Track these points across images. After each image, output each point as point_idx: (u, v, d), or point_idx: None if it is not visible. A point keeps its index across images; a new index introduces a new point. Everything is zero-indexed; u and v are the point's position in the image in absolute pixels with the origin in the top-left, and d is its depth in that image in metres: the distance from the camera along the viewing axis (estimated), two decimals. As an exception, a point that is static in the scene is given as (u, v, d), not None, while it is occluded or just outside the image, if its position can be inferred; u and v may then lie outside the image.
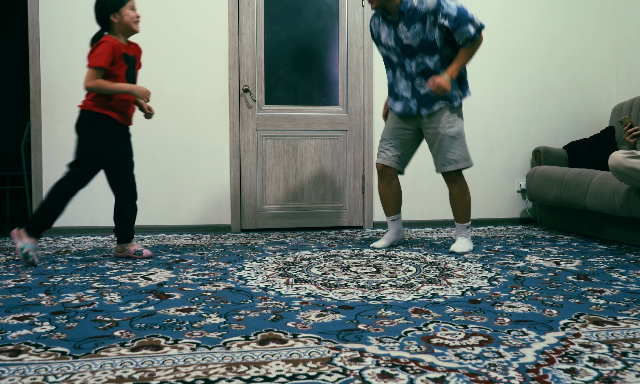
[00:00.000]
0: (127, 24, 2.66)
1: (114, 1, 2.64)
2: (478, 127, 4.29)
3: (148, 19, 3.85)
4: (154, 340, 1.55)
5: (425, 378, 1.28)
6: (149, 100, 2.72)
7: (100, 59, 2.56)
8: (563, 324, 1.69)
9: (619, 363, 1.38)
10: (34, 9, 3.72)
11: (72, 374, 1.32)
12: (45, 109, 3.75)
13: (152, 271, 2.51)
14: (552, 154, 4.14)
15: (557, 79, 4.41)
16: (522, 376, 1.29)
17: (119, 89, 2.63)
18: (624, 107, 4.04)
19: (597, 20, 4.46)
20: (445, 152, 2.99)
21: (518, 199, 4.39)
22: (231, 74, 3.93)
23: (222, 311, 1.84)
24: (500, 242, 3.37)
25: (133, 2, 2.70)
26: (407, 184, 4.17)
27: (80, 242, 3.38)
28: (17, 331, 1.64)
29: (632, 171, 2.78)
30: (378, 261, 2.74)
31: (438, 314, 1.80)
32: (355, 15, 4.11)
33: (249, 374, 1.31)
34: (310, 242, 3.39)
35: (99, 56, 2.56)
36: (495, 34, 4.29)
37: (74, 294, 2.08)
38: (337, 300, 1.98)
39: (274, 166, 4.04)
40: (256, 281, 2.31)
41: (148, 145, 3.87)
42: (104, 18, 2.66)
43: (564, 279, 2.34)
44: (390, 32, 2.98)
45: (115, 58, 2.62)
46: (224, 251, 3.06)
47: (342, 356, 1.41)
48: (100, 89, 2.59)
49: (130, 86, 2.66)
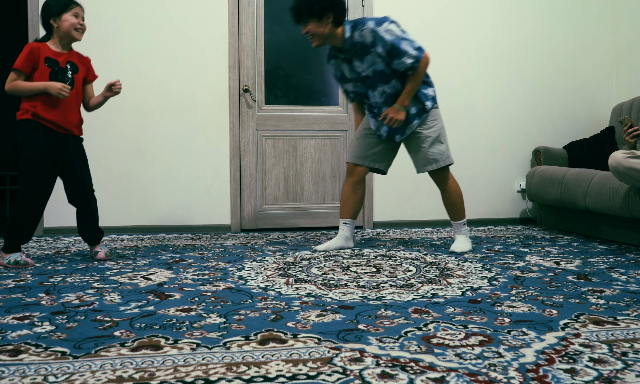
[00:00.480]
0: (67, 31, 2.59)
1: (58, 6, 2.59)
2: (478, 127, 4.29)
3: (148, 19, 3.85)
4: (154, 340, 1.55)
5: (425, 378, 1.28)
6: (66, 94, 2.54)
7: (17, 61, 2.53)
8: (563, 324, 1.69)
9: (619, 363, 1.38)
10: (34, 9, 3.72)
11: (72, 374, 1.31)
12: (45, 109, 3.74)
13: (152, 271, 2.51)
14: (552, 154, 4.14)
15: (557, 79, 4.41)
16: (522, 376, 1.29)
17: (33, 88, 2.54)
18: (624, 107, 4.04)
19: (597, 20, 4.46)
20: (426, 152, 2.95)
21: (518, 199, 4.39)
22: (231, 74, 3.93)
23: (222, 311, 1.84)
24: (500, 242, 3.37)
25: (78, 10, 2.62)
26: (407, 184, 4.17)
27: (80, 242, 3.38)
28: (17, 331, 1.64)
29: (632, 171, 2.78)
30: (378, 261, 2.74)
31: (438, 314, 1.80)
32: (355, 15, 4.11)
33: (249, 374, 1.30)
34: (310, 242, 3.39)
35: (17, 59, 2.54)
36: (495, 34, 4.29)
37: (74, 294, 2.08)
38: (337, 300, 1.98)
39: (274, 166, 4.04)
40: (256, 281, 2.31)
41: (148, 145, 3.87)
42: (46, 21, 2.62)
43: (564, 279, 2.33)
44: (350, 68, 2.94)
45: (35, 62, 2.55)
46: (224, 251, 3.06)
47: (342, 356, 1.41)
48: (17, 90, 2.55)
49: (44, 84, 2.53)
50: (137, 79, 3.84)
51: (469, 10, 4.25)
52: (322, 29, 2.80)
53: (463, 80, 4.26)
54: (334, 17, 2.80)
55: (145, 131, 3.86)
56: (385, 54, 2.80)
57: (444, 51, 4.21)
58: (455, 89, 4.24)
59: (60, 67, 2.62)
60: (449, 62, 4.23)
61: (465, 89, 4.27)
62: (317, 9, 2.76)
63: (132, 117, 3.82)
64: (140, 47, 3.83)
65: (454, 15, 4.23)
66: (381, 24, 2.80)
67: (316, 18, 2.78)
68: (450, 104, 4.24)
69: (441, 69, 4.23)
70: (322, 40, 2.85)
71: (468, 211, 4.28)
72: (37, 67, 2.56)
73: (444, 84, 4.24)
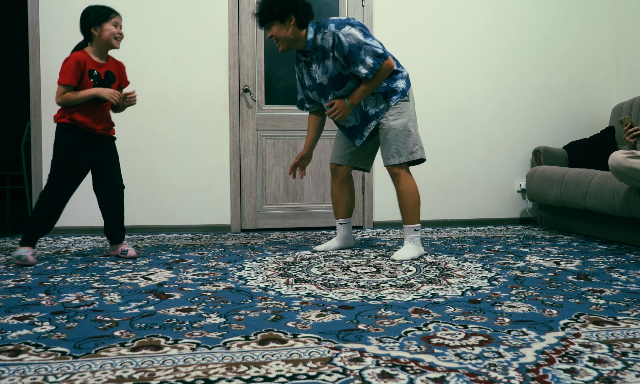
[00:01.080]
0: (107, 39, 2.71)
1: (99, 14, 2.69)
2: (478, 127, 4.29)
3: (148, 19, 3.85)
4: (154, 340, 1.55)
5: (425, 378, 1.28)
6: (117, 101, 2.71)
7: (65, 76, 2.63)
8: (563, 324, 1.69)
9: (619, 363, 1.38)
10: (34, 9, 3.72)
11: (72, 374, 1.31)
12: (45, 109, 3.75)
13: (152, 271, 2.51)
14: (552, 154, 4.14)
15: (557, 79, 4.41)
16: (522, 376, 1.29)
17: (85, 96, 2.67)
18: (624, 107, 4.04)
19: (597, 20, 4.46)
20: (389, 145, 2.80)
21: (518, 199, 4.39)
22: (231, 74, 3.93)
23: (222, 311, 1.84)
24: (500, 242, 3.37)
25: (118, 19, 2.74)
26: (407, 184, 4.17)
27: (80, 242, 3.38)
28: (17, 331, 1.64)
29: (632, 171, 2.78)
30: (378, 261, 2.74)
31: (438, 314, 1.80)
32: (355, 15, 4.11)
33: (249, 374, 1.31)
34: (310, 242, 3.39)
35: (65, 74, 2.64)
36: (495, 34, 4.29)
37: (74, 294, 2.08)
38: (337, 300, 1.98)
39: (274, 166, 4.04)
40: (256, 281, 2.31)
41: (148, 145, 3.87)
42: (86, 29, 2.72)
43: (564, 279, 2.33)
44: (308, 72, 2.87)
45: (82, 74, 2.67)
46: (224, 251, 3.06)
47: (342, 356, 1.41)
48: (68, 101, 2.67)
49: (96, 90, 2.68)
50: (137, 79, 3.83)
51: (469, 10, 4.25)
52: (284, 31, 2.72)
53: (463, 80, 4.26)
54: (296, 19, 2.71)
55: (145, 130, 3.86)
56: (341, 59, 2.69)
57: (444, 51, 4.22)
58: (455, 89, 4.25)
59: (100, 80, 2.74)
60: (449, 62, 4.23)
61: (465, 89, 4.27)
62: (276, 11, 2.68)
63: (132, 117, 3.82)
64: (141, 47, 3.83)
65: (454, 15, 4.23)
66: (342, 26, 2.68)
67: (278, 21, 2.70)
68: (450, 103, 4.25)
69: (441, 69, 4.24)
70: (288, 44, 2.77)
71: (468, 211, 4.30)
72: (83, 78, 2.68)
73: (444, 83, 4.25)
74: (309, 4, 2.78)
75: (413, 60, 4.16)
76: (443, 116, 4.24)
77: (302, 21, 2.74)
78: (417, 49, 4.18)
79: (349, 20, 2.71)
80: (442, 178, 4.25)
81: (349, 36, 2.66)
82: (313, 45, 2.78)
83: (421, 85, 4.17)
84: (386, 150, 2.84)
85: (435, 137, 4.21)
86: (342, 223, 3.08)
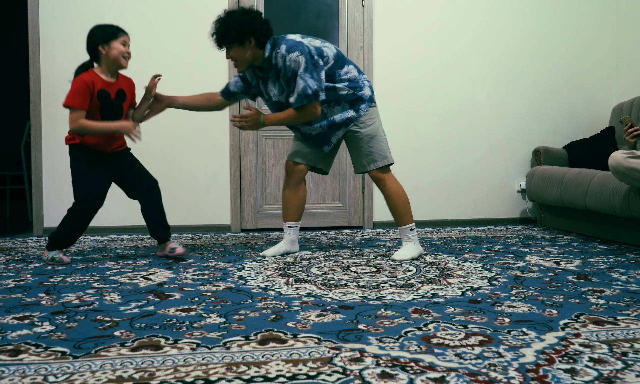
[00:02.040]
0: (115, 58, 2.62)
1: (106, 32, 2.62)
2: (478, 127, 4.29)
3: (148, 19, 3.85)
4: (154, 340, 1.55)
5: (425, 378, 1.28)
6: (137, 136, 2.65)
7: (75, 99, 2.54)
8: (563, 324, 1.69)
9: (619, 363, 1.38)
10: (34, 9, 3.72)
11: (72, 374, 1.32)
12: (45, 109, 3.75)
13: (152, 271, 2.51)
14: (552, 154, 4.14)
15: (557, 79, 4.41)
16: (522, 376, 1.29)
17: (104, 129, 2.61)
18: (624, 107, 4.04)
19: (597, 20, 4.46)
20: (363, 151, 2.80)
21: (518, 199, 4.39)
22: (231, 74, 3.93)
23: (222, 311, 1.84)
24: (500, 242, 3.37)
25: (126, 38, 2.67)
26: (407, 184, 4.15)
27: (80, 242, 3.38)
28: (17, 331, 1.64)
29: (632, 171, 2.78)
30: (378, 261, 2.74)
31: (438, 314, 1.80)
32: (355, 15, 4.11)
33: (249, 374, 1.31)
34: (310, 242, 3.39)
35: (74, 97, 2.54)
36: (495, 34, 4.29)
37: (74, 294, 2.08)
38: (337, 300, 1.98)
39: (274, 166, 4.04)
40: (256, 281, 2.31)
41: (148, 145, 3.87)
42: (93, 48, 2.64)
43: (564, 279, 2.34)
44: (265, 87, 2.83)
45: (91, 96, 2.58)
46: (224, 251, 3.06)
47: (342, 356, 1.41)
48: (85, 130, 2.59)
49: (116, 125, 2.62)
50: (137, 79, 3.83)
51: (469, 10, 4.25)
52: (244, 53, 2.68)
53: (463, 80, 4.26)
54: (255, 41, 2.66)
55: (145, 130, 3.85)
56: (284, 82, 2.71)
57: (444, 51, 4.22)
58: (455, 89, 4.24)
59: (111, 100, 2.67)
60: (449, 62, 4.23)
61: (465, 89, 4.27)
62: (234, 35, 2.63)
63: (132, 117, 3.82)
64: (140, 47, 3.83)
65: (454, 15, 4.23)
66: (292, 51, 2.64)
67: (237, 43, 2.66)
68: (451, 104, 4.25)
69: (441, 69, 4.24)
70: (246, 64, 2.73)
71: (468, 211, 4.30)
72: (91, 100, 2.60)
73: (444, 84, 4.25)
74: (267, 21, 2.72)
75: (413, 60, 4.17)
76: (443, 116, 4.24)
77: (261, 41, 2.70)
78: (417, 48, 4.18)
79: (301, 47, 2.64)
80: (442, 178, 4.25)
81: (294, 63, 2.63)
82: (268, 63, 2.74)
83: (421, 86, 4.17)
84: (363, 157, 2.82)
85: (435, 137, 4.21)
86: (291, 226, 2.97)
